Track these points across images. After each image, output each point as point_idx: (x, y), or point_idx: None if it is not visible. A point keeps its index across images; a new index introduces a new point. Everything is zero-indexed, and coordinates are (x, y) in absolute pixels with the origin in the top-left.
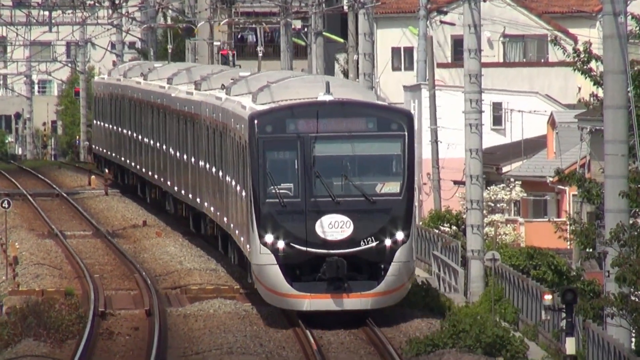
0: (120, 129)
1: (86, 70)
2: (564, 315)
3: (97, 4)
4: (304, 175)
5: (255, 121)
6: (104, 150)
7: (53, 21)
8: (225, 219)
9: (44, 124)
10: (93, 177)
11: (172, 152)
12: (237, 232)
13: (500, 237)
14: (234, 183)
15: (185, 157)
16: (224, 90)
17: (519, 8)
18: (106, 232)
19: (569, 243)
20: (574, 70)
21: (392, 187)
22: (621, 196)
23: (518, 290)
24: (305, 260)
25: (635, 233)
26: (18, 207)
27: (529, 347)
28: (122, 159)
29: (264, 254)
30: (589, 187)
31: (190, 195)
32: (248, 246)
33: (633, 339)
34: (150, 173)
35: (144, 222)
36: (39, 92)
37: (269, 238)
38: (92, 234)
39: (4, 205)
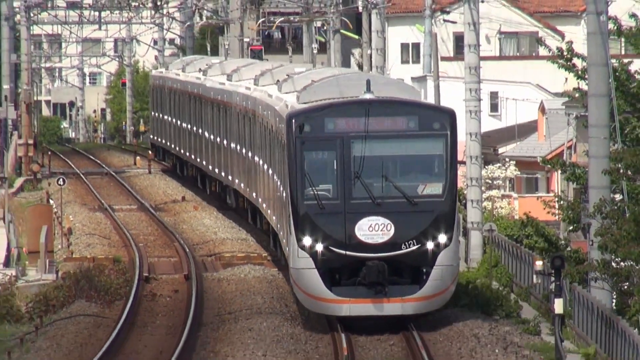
0: (175, 120)
1: (131, 64)
2: (553, 279)
3: (141, 5)
4: (343, 176)
5: (294, 120)
6: (157, 138)
7: (102, 20)
8: (254, 194)
9: (94, 111)
10: (138, 157)
11: (208, 136)
12: (264, 205)
13: (496, 210)
14: (261, 162)
15: (218, 140)
16: (291, 87)
17: (512, 8)
18: (149, 206)
19: (557, 216)
20: (559, 67)
21: (434, 188)
22: (604, 174)
23: (512, 257)
24: (345, 264)
25: (616, 207)
26: (72, 184)
27: (522, 307)
28: (177, 148)
29: (302, 257)
30: (572, 170)
31: (222, 173)
32: (287, 249)
33: (614, 300)
34: (192, 156)
35: (182, 197)
36: (90, 83)
37: (307, 241)
38: (137, 208)
39: (59, 182)
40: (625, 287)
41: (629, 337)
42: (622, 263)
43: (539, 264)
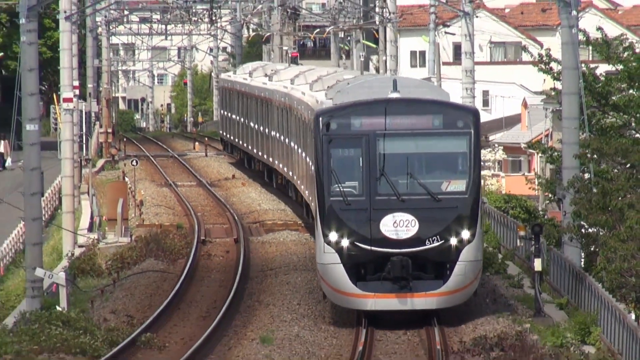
0: (239, 118)
1: (191, 67)
2: (533, 242)
3: (199, 20)
4: (368, 173)
5: (321, 119)
6: (228, 135)
7: (168, 32)
8: (290, 172)
9: (161, 105)
10: (196, 143)
11: (255, 127)
12: (299, 182)
13: (487, 187)
14: (296, 147)
15: (261, 129)
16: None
17: (500, 22)
18: (205, 183)
19: (536, 191)
20: (539, 70)
21: (457, 185)
22: (574, 157)
23: (500, 225)
24: (370, 260)
25: (585, 183)
26: (143, 164)
27: (508, 265)
28: (240, 142)
29: (327, 253)
30: (550, 154)
31: (265, 156)
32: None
33: (582, 260)
34: (250, 147)
35: (233, 175)
36: (157, 82)
37: (333, 237)
38: (196, 184)
39: (133, 163)
40: (592, 248)
41: (595, 290)
42: (590, 229)
43: (521, 230)
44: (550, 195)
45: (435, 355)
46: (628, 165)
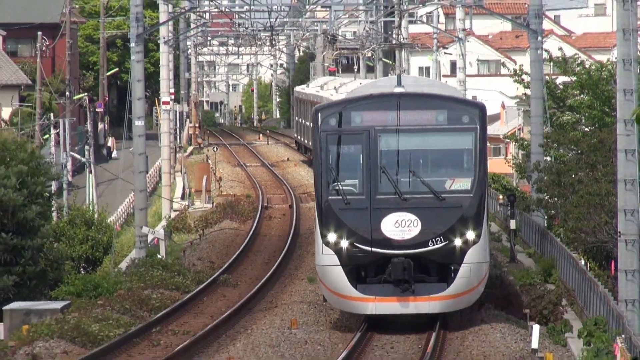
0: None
1: (256, 79)
2: (509, 208)
3: (263, 43)
4: (369, 170)
5: (320, 114)
6: (301, 138)
7: (239, 52)
8: None
9: (235, 106)
10: (261, 134)
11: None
12: None
13: None
14: None
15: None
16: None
17: (485, 45)
18: (267, 164)
19: (512, 170)
20: (514, 81)
21: (462, 183)
22: (539, 145)
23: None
24: (370, 261)
25: (546, 165)
26: (221, 150)
27: (490, 224)
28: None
29: (326, 254)
30: (521, 143)
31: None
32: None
33: (545, 221)
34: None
35: (287, 158)
36: (232, 90)
37: (331, 237)
38: (260, 165)
39: (214, 149)
40: (552, 213)
41: (554, 243)
42: (550, 200)
43: (500, 198)
44: (521, 174)
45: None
46: (579, 152)
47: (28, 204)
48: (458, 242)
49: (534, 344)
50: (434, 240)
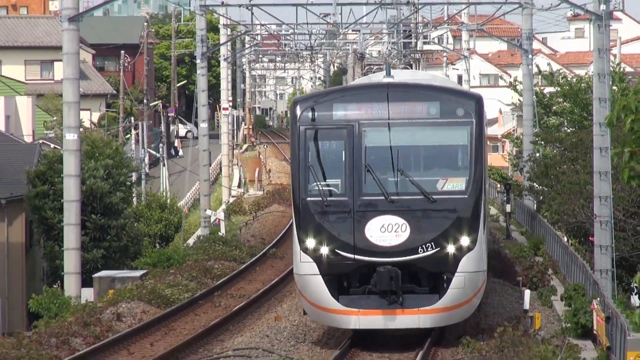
0: None
1: (299, 89)
2: (505, 194)
3: (304, 60)
4: (352, 169)
5: (298, 106)
6: None
7: (285, 67)
8: None
9: (282, 112)
10: None
11: None
12: None
13: None
14: None
15: None
16: None
17: (486, 62)
18: None
19: (507, 164)
20: (511, 89)
21: (456, 183)
22: (530, 143)
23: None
24: (353, 270)
25: (536, 159)
26: (271, 147)
27: (490, 208)
28: None
29: (304, 262)
30: (516, 141)
31: None
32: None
33: (535, 205)
34: None
35: None
36: (279, 98)
37: (310, 243)
38: None
39: (264, 147)
40: (540, 198)
41: (541, 222)
42: (538, 187)
43: (499, 186)
44: (515, 167)
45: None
46: (562, 149)
47: (113, 191)
48: (451, 248)
49: (526, 305)
50: (424, 246)
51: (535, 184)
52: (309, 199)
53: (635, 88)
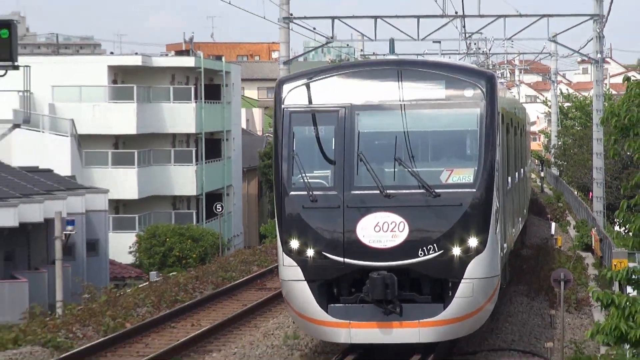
0: None
1: None
2: (540, 166)
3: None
4: (342, 159)
5: (283, 87)
6: None
7: None
8: None
9: None
10: None
11: None
12: None
13: None
14: None
15: None
16: None
17: (528, 87)
18: None
19: (542, 148)
20: (544, 104)
21: (462, 175)
22: (555, 136)
23: None
24: (343, 276)
25: (559, 145)
26: None
27: (531, 175)
28: None
29: (288, 266)
30: (546, 134)
31: None
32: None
33: (558, 172)
34: None
35: None
36: None
37: (294, 244)
38: None
39: None
40: (561, 169)
41: (562, 182)
42: (560, 162)
43: (536, 162)
44: (546, 149)
45: None
46: (574, 139)
47: None
48: (457, 251)
49: (552, 231)
50: (425, 248)
51: (558, 160)
52: (292, 192)
53: (617, 103)
